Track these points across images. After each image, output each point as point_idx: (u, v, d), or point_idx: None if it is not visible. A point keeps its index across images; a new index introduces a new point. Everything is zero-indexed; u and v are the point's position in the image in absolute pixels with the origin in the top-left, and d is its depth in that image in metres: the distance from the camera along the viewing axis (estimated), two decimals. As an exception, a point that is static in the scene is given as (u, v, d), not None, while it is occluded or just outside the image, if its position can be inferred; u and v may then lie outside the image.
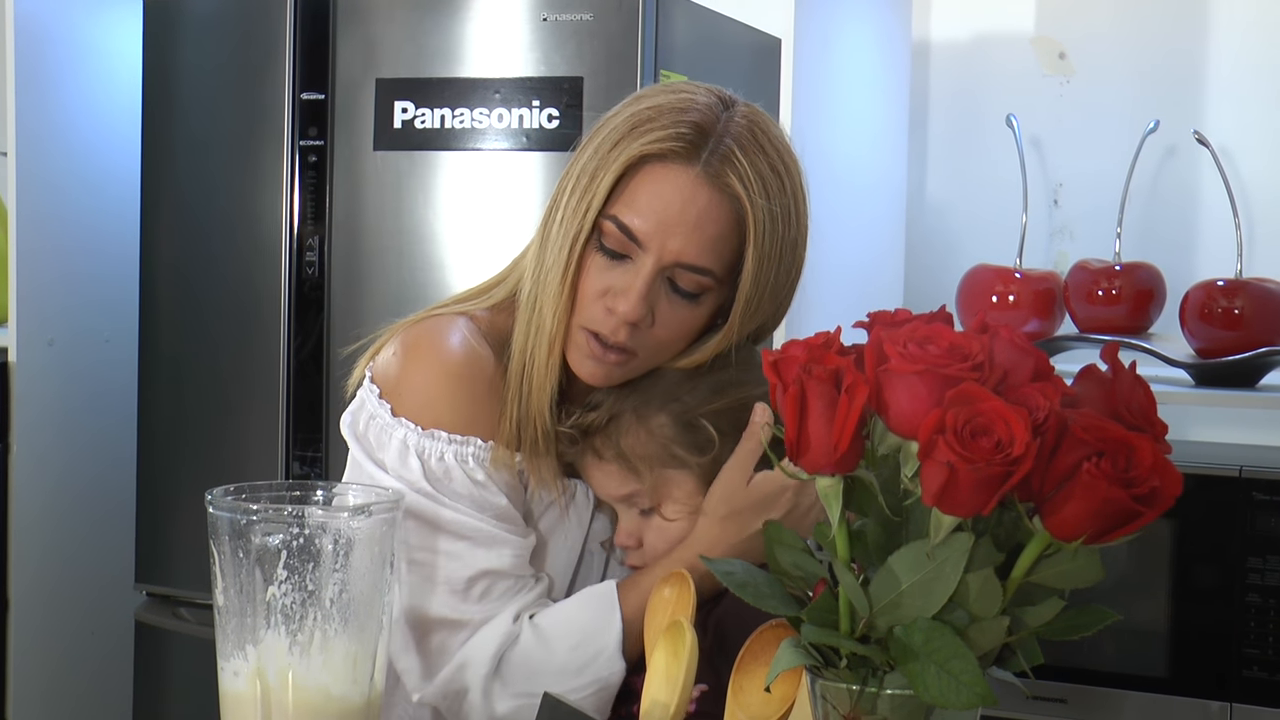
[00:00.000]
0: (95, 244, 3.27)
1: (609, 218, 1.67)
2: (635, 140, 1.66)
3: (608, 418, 1.72)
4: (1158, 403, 1.14)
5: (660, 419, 1.72)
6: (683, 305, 1.70)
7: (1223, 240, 3.01)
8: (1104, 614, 1.15)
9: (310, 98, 2.77)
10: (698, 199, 1.66)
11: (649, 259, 1.66)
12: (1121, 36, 3.27)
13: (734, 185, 1.67)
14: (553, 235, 1.71)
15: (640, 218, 1.66)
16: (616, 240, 1.67)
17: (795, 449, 1.12)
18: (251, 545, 1.35)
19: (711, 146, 1.66)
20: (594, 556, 1.84)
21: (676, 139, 1.65)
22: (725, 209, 1.67)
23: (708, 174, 1.66)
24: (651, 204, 1.66)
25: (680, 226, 1.66)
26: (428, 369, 1.74)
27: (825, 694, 1.16)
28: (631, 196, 1.66)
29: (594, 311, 1.69)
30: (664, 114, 1.67)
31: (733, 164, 1.67)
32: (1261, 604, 2.59)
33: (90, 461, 3.28)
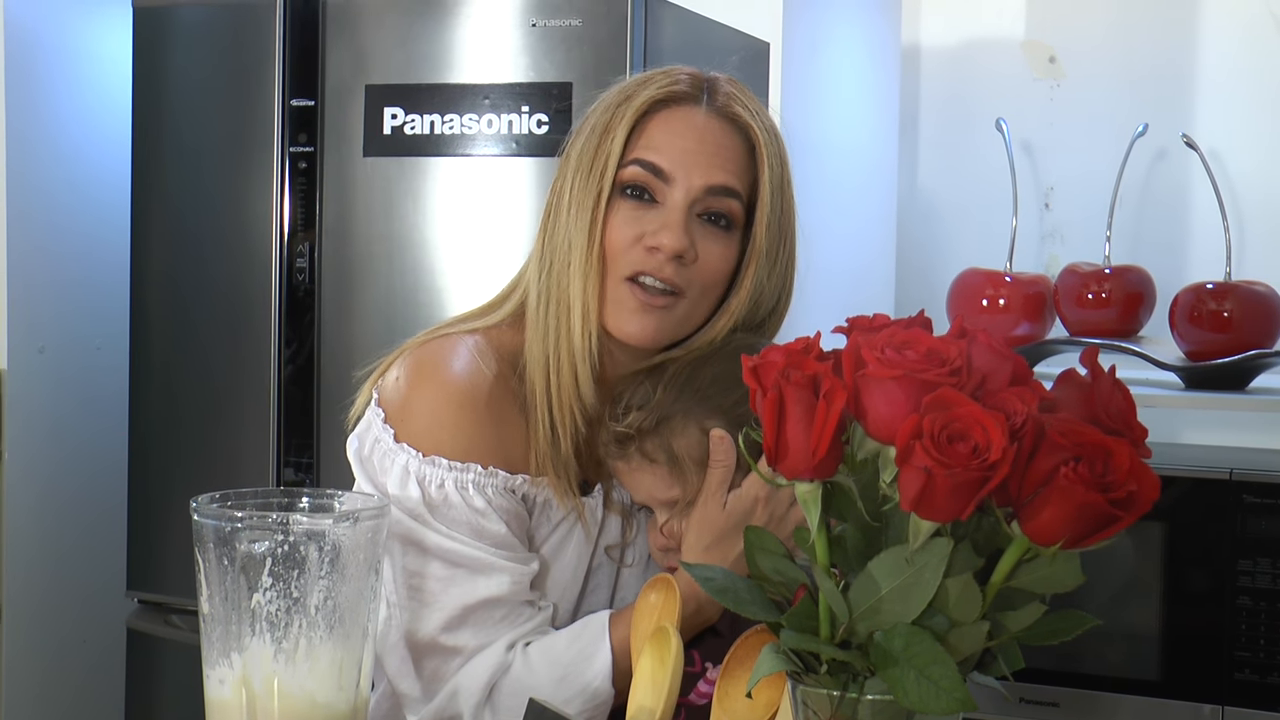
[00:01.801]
0: (86, 251, 3.26)
1: (631, 163, 1.73)
2: (639, 94, 1.75)
3: (656, 419, 1.71)
4: (1148, 406, 1.15)
5: (713, 421, 1.71)
6: (717, 237, 1.75)
7: (1212, 243, 3.01)
8: (1083, 619, 1.15)
9: (300, 104, 2.77)
10: (711, 128, 1.75)
11: (678, 191, 1.72)
12: (1111, 40, 3.27)
13: (741, 114, 1.77)
14: (564, 217, 1.75)
15: (662, 154, 1.73)
16: (643, 179, 1.73)
17: (774, 454, 1.12)
18: (236, 552, 1.35)
19: (709, 90, 1.77)
20: (603, 566, 1.84)
21: (677, 83, 1.76)
22: (736, 136, 1.77)
23: (713, 108, 1.76)
24: (670, 140, 1.73)
25: (701, 155, 1.73)
26: (430, 395, 1.75)
27: (806, 700, 1.16)
28: (649, 140, 1.74)
29: (633, 256, 1.72)
30: (655, 75, 1.77)
31: (734, 98, 1.78)
32: (1252, 607, 2.59)
33: (81, 468, 3.28)
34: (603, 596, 1.85)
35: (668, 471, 1.72)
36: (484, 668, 1.70)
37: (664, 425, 1.71)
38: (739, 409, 1.71)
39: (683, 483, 1.71)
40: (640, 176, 1.72)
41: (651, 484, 1.74)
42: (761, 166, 1.77)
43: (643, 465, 1.73)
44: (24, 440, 3.15)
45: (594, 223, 1.72)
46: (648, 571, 1.85)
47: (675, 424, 1.71)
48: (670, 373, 1.73)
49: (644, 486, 1.74)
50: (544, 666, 1.71)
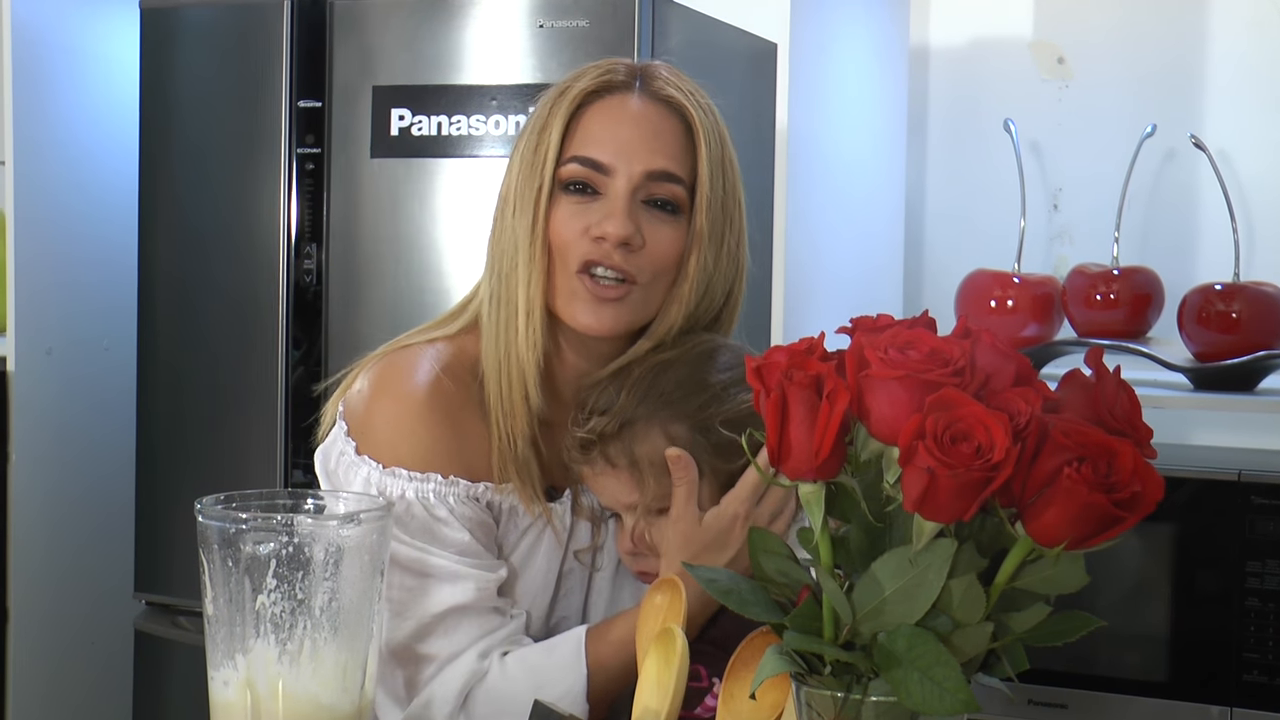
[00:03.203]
0: (93, 252, 3.27)
1: (570, 160, 1.72)
2: (572, 88, 1.74)
3: (619, 424, 1.71)
4: (1157, 407, 1.14)
5: (675, 425, 1.70)
6: (664, 221, 1.75)
7: (1220, 244, 3.00)
8: (1088, 620, 1.14)
9: (307, 105, 2.77)
10: (647, 114, 1.75)
11: (620, 181, 1.72)
12: (1119, 41, 3.26)
13: (675, 96, 1.76)
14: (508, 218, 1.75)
15: (600, 146, 1.72)
16: (585, 175, 1.72)
17: (777, 455, 1.12)
18: (241, 554, 1.35)
19: (642, 76, 1.77)
20: (575, 571, 1.84)
21: (609, 74, 1.75)
22: (672, 119, 1.76)
23: (647, 93, 1.76)
24: (607, 131, 1.73)
25: (638, 142, 1.73)
26: (390, 406, 1.76)
27: (810, 701, 1.16)
28: (585, 134, 1.73)
29: (581, 247, 1.72)
30: (589, 68, 1.77)
31: (668, 82, 1.77)
32: (1261, 608, 2.59)
33: (89, 470, 3.28)
34: (575, 601, 1.85)
35: (629, 476, 1.71)
36: (458, 675, 1.71)
37: (626, 430, 1.70)
38: (703, 413, 1.71)
39: (643, 488, 1.71)
40: (580, 174, 1.72)
41: (615, 489, 1.73)
42: (699, 146, 1.76)
43: (606, 470, 1.73)
44: (32, 441, 3.16)
45: (535, 220, 1.72)
46: (618, 577, 1.85)
47: (638, 429, 1.70)
48: (634, 377, 1.73)
49: (608, 491, 1.75)
50: (521, 676, 1.71)
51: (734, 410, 1.72)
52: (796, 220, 2.79)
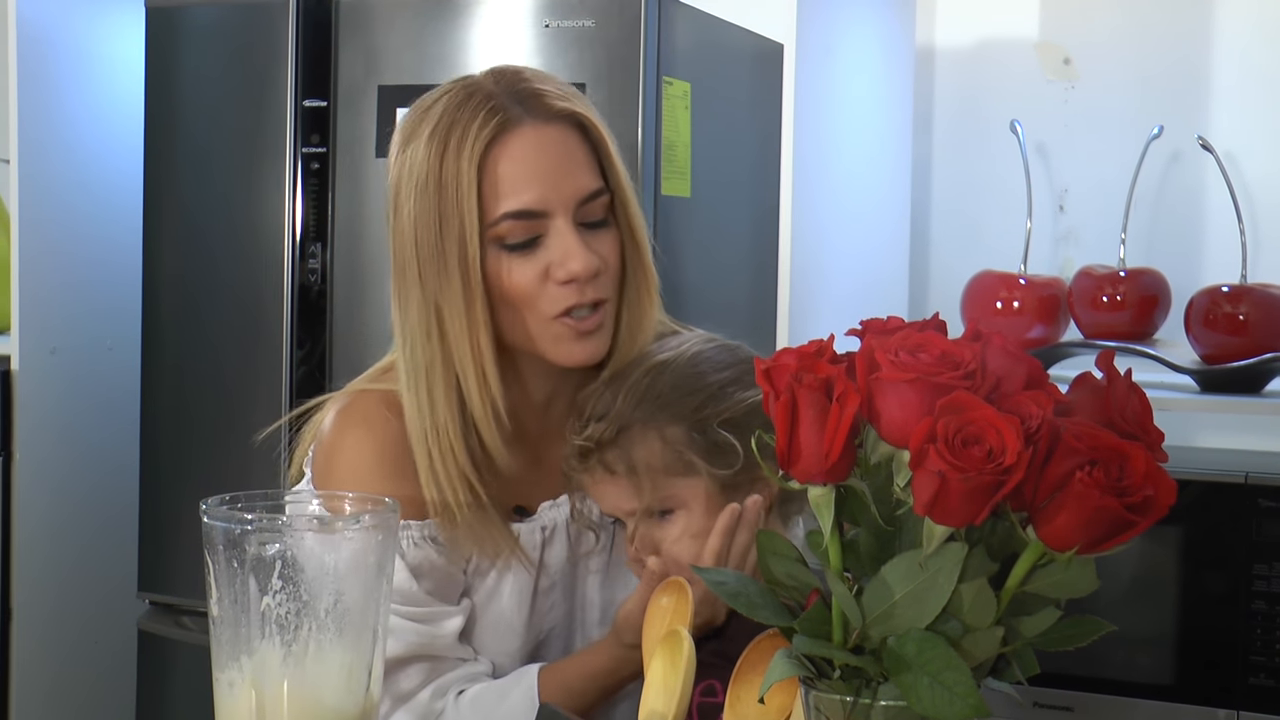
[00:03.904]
0: (98, 252, 3.27)
1: (501, 219, 1.67)
2: (466, 142, 1.66)
3: (617, 429, 1.70)
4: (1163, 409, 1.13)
5: (672, 428, 1.70)
6: (603, 233, 1.73)
7: (1227, 246, 2.99)
8: (1098, 624, 1.14)
9: (312, 105, 2.76)
10: (550, 139, 1.69)
11: (559, 219, 1.68)
12: (1125, 42, 3.26)
13: (559, 105, 1.71)
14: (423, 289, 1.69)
15: (524, 193, 1.67)
16: (523, 229, 1.68)
17: (786, 458, 1.12)
18: (246, 555, 1.34)
19: (515, 99, 1.69)
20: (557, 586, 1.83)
21: (489, 114, 1.67)
22: (569, 131, 1.71)
23: (535, 117, 1.69)
24: (522, 174, 1.67)
25: (559, 173, 1.69)
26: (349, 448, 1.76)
27: (819, 705, 1.16)
28: (503, 185, 1.67)
29: (550, 294, 1.69)
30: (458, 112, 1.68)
31: (544, 94, 1.71)
32: (1268, 611, 2.58)
33: (93, 470, 3.28)
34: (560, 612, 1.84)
35: (628, 483, 1.70)
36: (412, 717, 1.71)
37: (624, 435, 1.70)
38: (700, 413, 1.70)
39: (641, 494, 1.70)
40: (518, 229, 1.67)
41: (615, 496, 1.73)
42: (607, 147, 1.73)
43: (604, 478, 1.72)
44: (36, 441, 3.15)
45: (469, 285, 1.67)
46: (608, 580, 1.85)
47: (635, 433, 1.70)
48: (630, 381, 1.72)
49: (608, 498, 1.74)
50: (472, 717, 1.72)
51: (732, 409, 1.71)
52: (802, 221, 2.78)
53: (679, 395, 1.71)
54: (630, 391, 1.71)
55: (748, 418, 1.70)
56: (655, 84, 2.54)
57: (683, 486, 1.71)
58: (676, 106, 2.59)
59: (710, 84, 2.70)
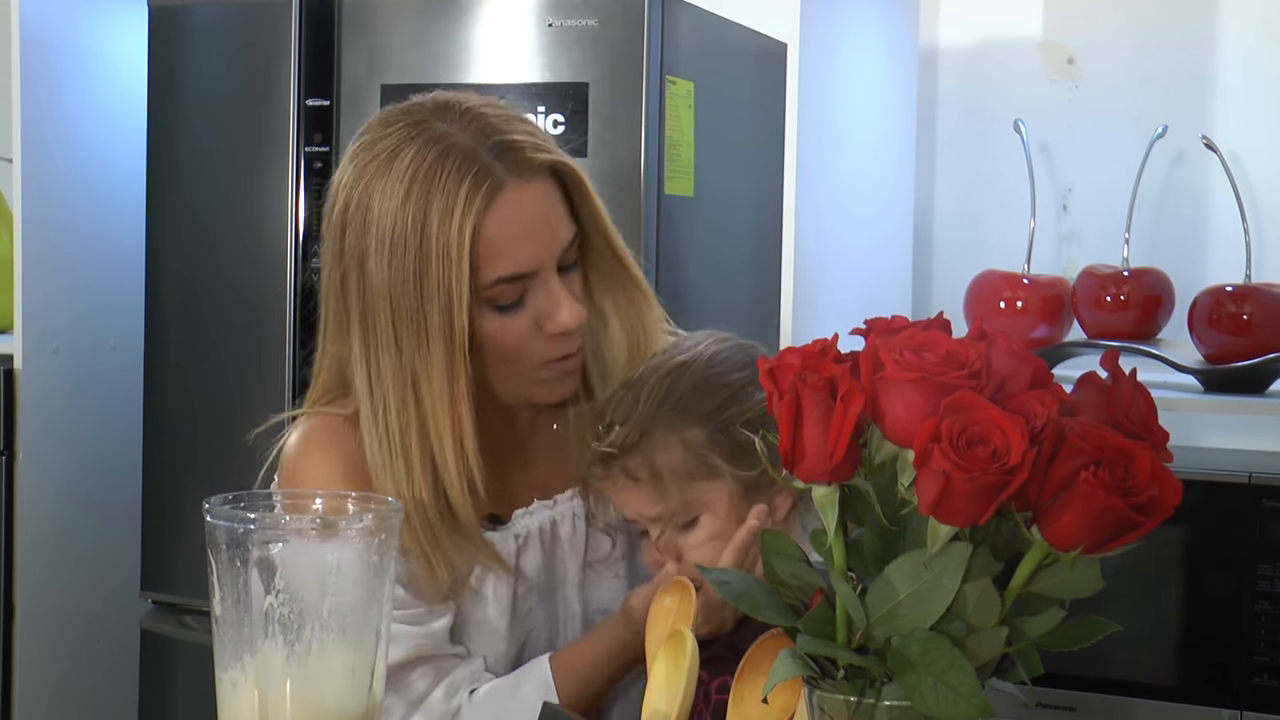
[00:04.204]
0: (101, 251, 3.26)
1: (493, 284, 1.64)
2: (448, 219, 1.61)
3: (639, 434, 1.69)
4: (1166, 409, 1.13)
5: (694, 430, 1.68)
6: (575, 274, 1.72)
7: (1231, 246, 2.99)
8: (1103, 625, 1.14)
9: (315, 104, 2.76)
10: (533, 198, 1.66)
11: (547, 274, 1.67)
12: (1129, 41, 3.25)
13: (540, 158, 1.66)
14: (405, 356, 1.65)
15: (515, 256, 1.65)
16: (514, 290, 1.66)
17: (790, 458, 1.11)
18: (249, 554, 1.34)
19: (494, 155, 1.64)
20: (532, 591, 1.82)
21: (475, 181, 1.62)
22: (548, 182, 1.68)
23: (518, 175, 1.65)
24: (513, 236, 1.64)
25: (543, 228, 1.67)
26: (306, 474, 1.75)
27: (822, 705, 1.15)
28: (492, 251, 1.63)
29: (539, 346, 1.69)
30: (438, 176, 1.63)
31: (518, 146, 1.66)
32: (1272, 611, 2.58)
33: (96, 469, 3.28)
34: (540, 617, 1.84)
35: (651, 489, 1.69)
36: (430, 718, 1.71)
37: (646, 440, 1.68)
38: (721, 414, 1.69)
39: (666, 499, 1.69)
40: (511, 291, 1.66)
41: (638, 502, 1.71)
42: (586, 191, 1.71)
43: (627, 484, 1.71)
44: (39, 440, 3.15)
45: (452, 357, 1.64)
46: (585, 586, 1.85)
47: (656, 437, 1.68)
48: (650, 385, 1.71)
49: (631, 505, 1.72)
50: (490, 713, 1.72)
51: (753, 409, 1.70)
52: (805, 221, 2.78)
53: (700, 396, 1.70)
54: (650, 395, 1.70)
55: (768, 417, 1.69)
56: (658, 83, 2.54)
57: (706, 490, 1.70)
58: (680, 106, 2.59)
59: (714, 83, 2.70)
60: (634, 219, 2.51)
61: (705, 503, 1.70)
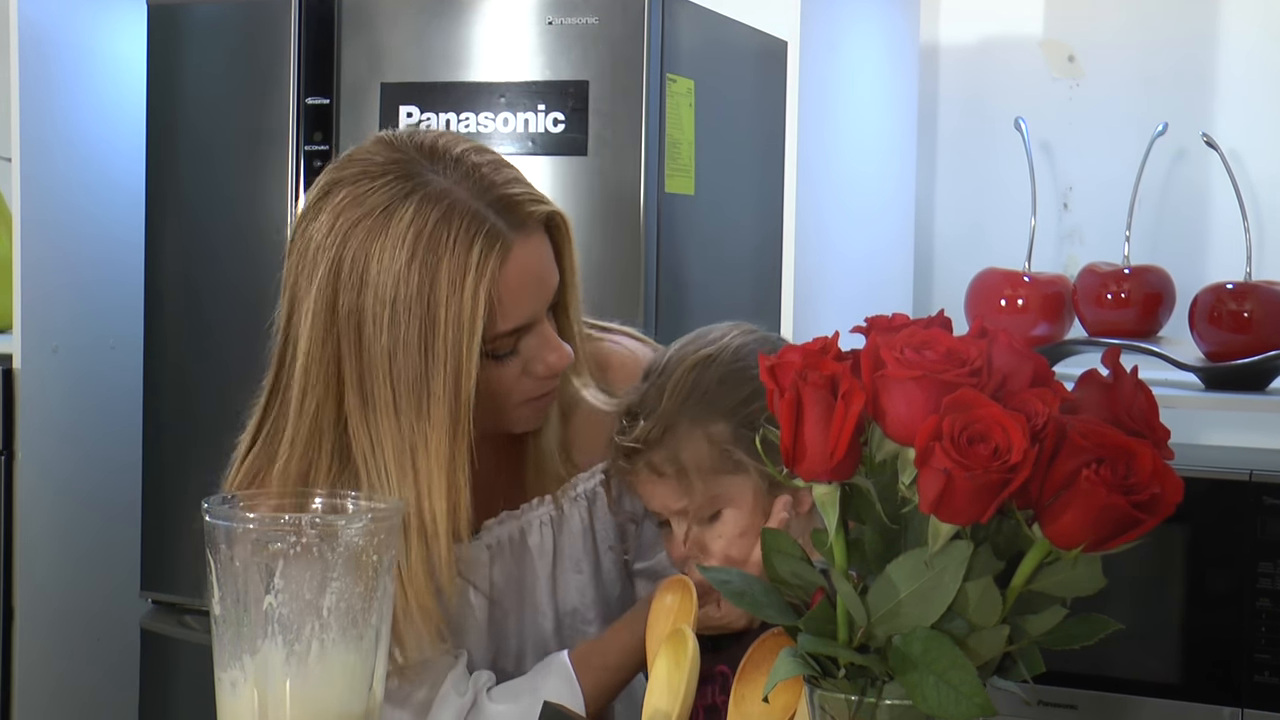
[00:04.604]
0: (100, 250, 3.26)
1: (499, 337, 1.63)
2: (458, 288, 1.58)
3: (663, 429, 1.67)
4: (1167, 407, 1.13)
5: (719, 425, 1.67)
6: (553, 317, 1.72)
7: (1232, 243, 2.99)
8: (1105, 623, 1.13)
9: (315, 103, 2.76)
10: (536, 253, 1.65)
11: (541, 320, 1.68)
12: (1130, 39, 3.25)
13: (536, 212, 1.65)
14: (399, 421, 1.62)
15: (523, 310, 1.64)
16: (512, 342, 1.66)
17: (791, 456, 1.11)
18: (249, 554, 1.34)
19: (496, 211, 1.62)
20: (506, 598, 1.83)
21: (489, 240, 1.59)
22: (542, 234, 1.66)
23: (521, 232, 1.63)
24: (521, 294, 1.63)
25: (544, 281, 1.67)
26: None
27: (823, 704, 1.15)
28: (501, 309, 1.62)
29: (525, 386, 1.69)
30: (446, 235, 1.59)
31: (517, 201, 1.63)
32: (1273, 609, 2.58)
33: (95, 468, 3.28)
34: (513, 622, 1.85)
35: (676, 484, 1.68)
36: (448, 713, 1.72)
37: (670, 434, 1.67)
38: (746, 409, 1.67)
39: (691, 494, 1.68)
40: (510, 344, 1.66)
41: (663, 495, 1.70)
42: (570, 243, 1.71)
43: (651, 478, 1.69)
44: (38, 440, 3.15)
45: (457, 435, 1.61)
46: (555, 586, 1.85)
47: (681, 432, 1.67)
48: (675, 378, 1.69)
49: (656, 498, 1.71)
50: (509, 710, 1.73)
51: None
52: (806, 219, 2.78)
53: (725, 391, 1.68)
54: (676, 389, 1.69)
55: None
56: (659, 81, 2.54)
57: (731, 484, 1.68)
58: (680, 104, 2.59)
59: (714, 81, 2.69)
60: (634, 217, 2.51)
61: (729, 497, 1.68)
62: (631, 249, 2.52)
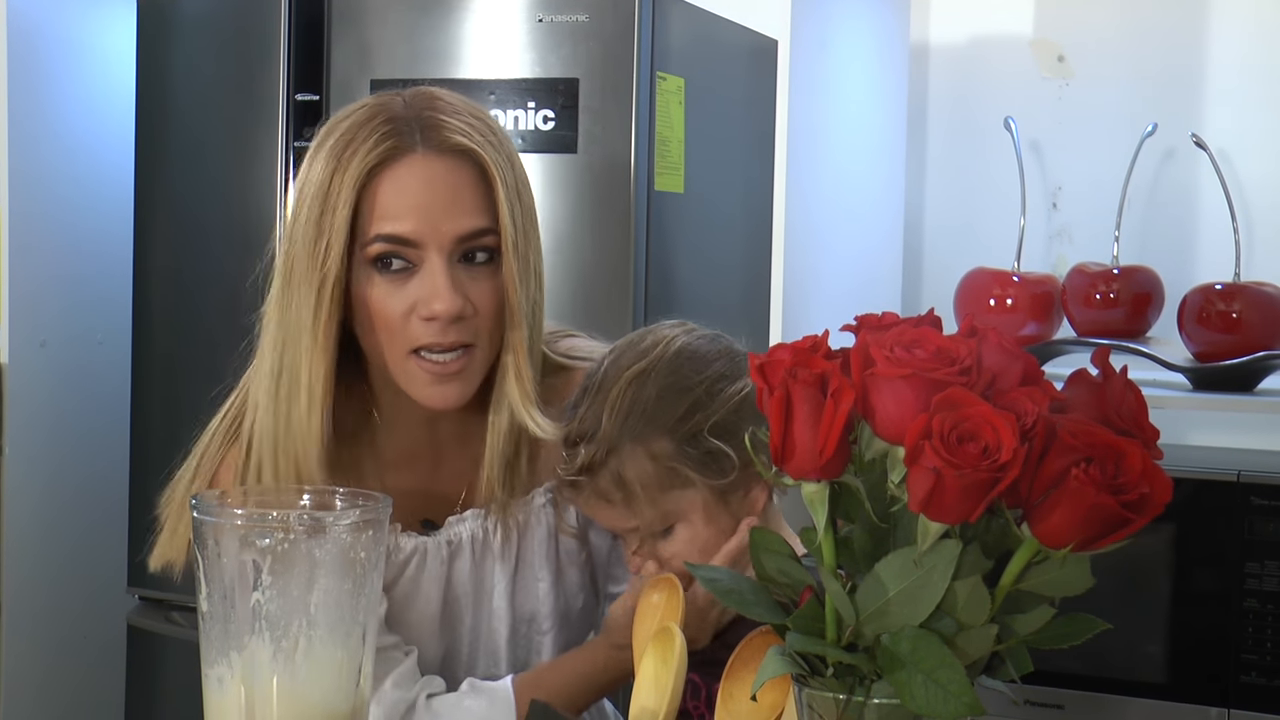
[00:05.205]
0: (88, 245, 3.25)
1: (374, 239, 1.65)
2: (350, 162, 1.64)
3: (605, 451, 1.66)
4: (1155, 407, 1.13)
5: (661, 442, 1.65)
6: (484, 274, 1.68)
7: (1221, 244, 2.99)
8: (1093, 623, 1.13)
9: (304, 99, 2.76)
10: (438, 173, 1.66)
11: (432, 252, 1.65)
12: (1120, 39, 3.25)
13: (460, 141, 1.66)
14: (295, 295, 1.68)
15: (401, 220, 1.65)
16: (391, 251, 1.65)
17: (780, 454, 1.11)
18: (236, 550, 1.33)
19: (420, 128, 1.66)
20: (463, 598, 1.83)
21: (384, 138, 1.65)
22: (464, 168, 1.67)
23: (430, 148, 1.66)
24: (404, 202, 1.65)
25: (439, 208, 1.65)
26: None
27: (811, 703, 1.15)
28: (383, 208, 1.65)
29: (411, 330, 1.67)
30: (359, 130, 1.66)
31: (445, 125, 1.67)
32: (1260, 609, 2.58)
33: (83, 464, 3.27)
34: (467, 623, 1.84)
35: (624, 506, 1.67)
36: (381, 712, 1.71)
37: (614, 456, 1.65)
38: (688, 422, 1.65)
39: (640, 513, 1.66)
40: (388, 250, 1.65)
41: (613, 517, 1.69)
42: (497, 191, 1.67)
43: (600, 504, 1.68)
44: (25, 435, 3.14)
45: (319, 304, 1.65)
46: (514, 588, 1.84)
47: (624, 453, 1.65)
48: (612, 398, 1.67)
49: (607, 519, 1.71)
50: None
51: (721, 412, 1.67)
52: (796, 217, 2.78)
53: (665, 406, 1.66)
54: (614, 407, 1.66)
55: (737, 416, 1.66)
56: (649, 79, 2.54)
57: (679, 499, 1.67)
58: (670, 102, 2.58)
59: (704, 79, 2.69)
60: (624, 214, 2.50)
61: (679, 511, 1.67)
62: (621, 246, 2.52)
